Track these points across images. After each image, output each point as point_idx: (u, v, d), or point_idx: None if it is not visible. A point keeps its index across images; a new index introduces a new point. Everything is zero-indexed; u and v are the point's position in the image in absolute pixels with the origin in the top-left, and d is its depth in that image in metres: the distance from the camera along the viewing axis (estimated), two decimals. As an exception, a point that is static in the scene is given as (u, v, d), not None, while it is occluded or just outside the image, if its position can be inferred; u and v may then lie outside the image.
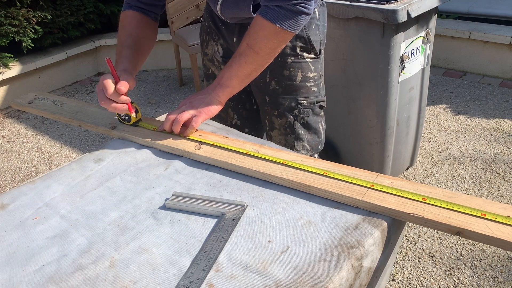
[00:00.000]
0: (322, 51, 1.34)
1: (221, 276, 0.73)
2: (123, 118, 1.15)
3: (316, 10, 1.27)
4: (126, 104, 1.07)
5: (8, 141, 3.09)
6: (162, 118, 1.23)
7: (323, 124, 1.41)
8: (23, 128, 3.25)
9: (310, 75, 1.31)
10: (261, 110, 1.41)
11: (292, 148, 1.38)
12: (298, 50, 1.28)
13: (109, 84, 1.04)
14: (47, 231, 0.86)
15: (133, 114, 1.12)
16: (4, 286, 0.74)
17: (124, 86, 1.05)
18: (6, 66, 3.45)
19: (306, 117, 1.35)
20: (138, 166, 1.04)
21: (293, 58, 1.29)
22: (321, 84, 1.36)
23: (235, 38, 1.31)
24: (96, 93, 4.05)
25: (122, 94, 1.05)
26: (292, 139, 1.37)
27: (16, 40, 3.45)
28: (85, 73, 4.06)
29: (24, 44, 3.48)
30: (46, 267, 0.77)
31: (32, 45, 3.53)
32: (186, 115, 1.06)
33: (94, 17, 3.97)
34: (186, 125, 1.08)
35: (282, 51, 1.26)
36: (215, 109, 1.10)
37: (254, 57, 1.08)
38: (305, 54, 1.29)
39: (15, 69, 3.50)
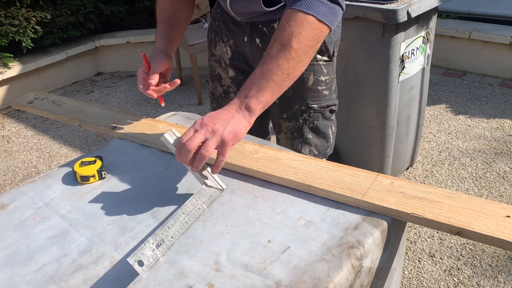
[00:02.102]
0: (335, 53, 1.29)
1: (221, 276, 0.73)
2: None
3: None
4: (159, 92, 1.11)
5: (8, 141, 3.09)
6: (161, 118, 1.23)
7: (333, 128, 1.36)
8: (23, 128, 3.25)
9: (322, 78, 1.26)
10: (270, 112, 1.37)
11: (298, 152, 1.34)
12: None
13: (140, 77, 1.12)
14: (47, 231, 0.86)
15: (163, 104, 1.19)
16: (4, 286, 0.74)
17: (154, 79, 1.09)
18: (6, 66, 3.45)
19: (315, 121, 1.30)
20: (138, 166, 1.04)
21: None
22: (333, 87, 1.31)
23: (246, 38, 1.26)
24: (96, 93, 4.03)
25: (154, 85, 1.10)
26: (299, 143, 1.33)
27: (16, 40, 3.45)
28: (85, 73, 4.06)
29: (24, 44, 3.48)
30: (46, 267, 0.77)
31: (32, 45, 3.53)
32: (210, 145, 0.82)
33: (94, 17, 3.97)
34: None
35: None
36: (243, 132, 0.87)
37: (292, 55, 0.89)
38: (318, 56, 1.24)
39: (15, 69, 3.50)
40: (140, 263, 0.72)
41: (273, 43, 0.91)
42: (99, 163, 1.00)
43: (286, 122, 1.32)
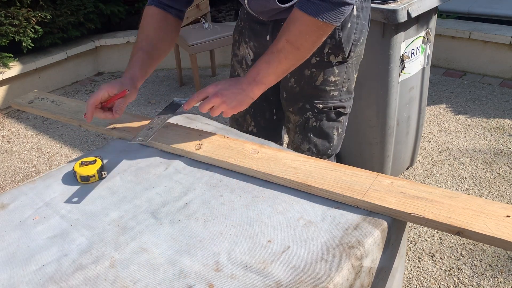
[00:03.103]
0: (353, 54, 1.24)
1: (221, 276, 0.73)
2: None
3: (354, 6, 1.18)
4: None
5: (8, 141, 3.09)
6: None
7: (339, 130, 1.34)
8: (23, 128, 3.25)
9: (333, 79, 1.24)
10: (281, 102, 1.38)
11: (297, 147, 1.34)
12: (326, 50, 1.20)
13: (90, 108, 1.06)
14: (47, 231, 0.86)
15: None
16: (4, 286, 0.74)
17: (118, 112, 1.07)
18: (6, 66, 3.45)
19: (319, 121, 1.29)
20: (138, 166, 1.04)
21: (318, 58, 1.21)
22: (345, 88, 1.28)
23: (268, 36, 1.25)
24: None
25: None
26: (299, 139, 1.33)
27: (16, 40, 3.45)
28: (85, 73, 4.06)
29: (24, 44, 3.48)
30: (46, 267, 0.77)
31: (32, 45, 3.53)
32: (216, 111, 1.04)
33: (94, 17, 3.97)
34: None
35: None
36: (245, 106, 1.08)
37: (295, 53, 1.03)
38: (332, 56, 1.21)
39: (15, 69, 3.50)
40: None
41: (280, 37, 1.03)
42: (99, 163, 1.00)
43: (293, 115, 1.33)
